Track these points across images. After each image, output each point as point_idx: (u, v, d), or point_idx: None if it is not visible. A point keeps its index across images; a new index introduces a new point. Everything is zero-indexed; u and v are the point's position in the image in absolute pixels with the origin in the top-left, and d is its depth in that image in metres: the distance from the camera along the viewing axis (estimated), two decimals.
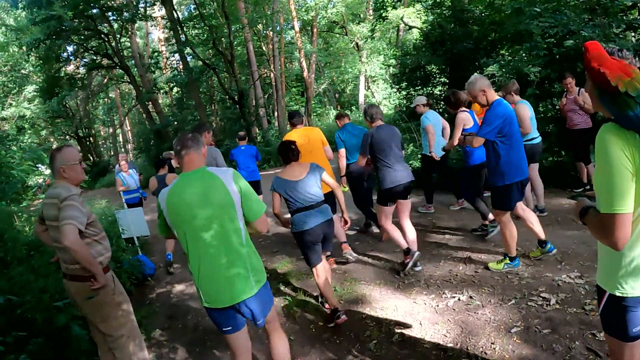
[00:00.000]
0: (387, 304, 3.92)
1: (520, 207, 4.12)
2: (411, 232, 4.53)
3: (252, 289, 2.42)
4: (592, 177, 6.09)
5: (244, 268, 2.41)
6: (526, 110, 5.28)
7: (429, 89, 11.79)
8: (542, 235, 4.18)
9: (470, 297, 3.76)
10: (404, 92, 13.20)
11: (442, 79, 11.83)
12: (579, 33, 6.95)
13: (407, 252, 4.45)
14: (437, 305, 3.73)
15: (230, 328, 2.50)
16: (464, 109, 5.10)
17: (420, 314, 3.64)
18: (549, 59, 7.49)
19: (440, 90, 11.87)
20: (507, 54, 9.57)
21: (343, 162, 5.59)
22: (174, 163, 5.92)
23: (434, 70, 11.88)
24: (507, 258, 4.14)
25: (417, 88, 12.38)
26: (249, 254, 2.46)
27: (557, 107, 7.01)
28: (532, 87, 7.31)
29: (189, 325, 4.30)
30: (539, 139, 5.54)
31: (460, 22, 10.91)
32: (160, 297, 5.25)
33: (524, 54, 8.12)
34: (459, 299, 3.76)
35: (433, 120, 6.02)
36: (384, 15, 13.83)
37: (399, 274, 4.49)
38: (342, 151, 5.58)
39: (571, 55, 7.23)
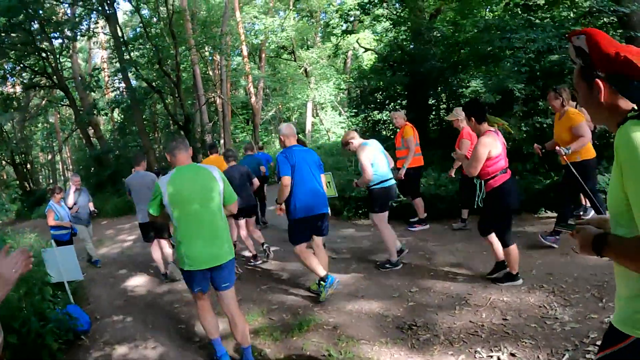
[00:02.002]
0: None
1: (315, 242, 4.55)
2: (257, 237, 6.16)
3: (227, 255, 3.17)
4: (586, 200, 5.62)
5: (223, 238, 3.18)
6: (366, 155, 4.75)
7: (387, 112, 11.28)
8: (322, 274, 4.34)
9: (512, 355, 2.92)
10: (359, 117, 12.71)
11: (403, 102, 11.37)
12: (563, 48, 6.61)
13: (263, 252, 6.10)
14: None
15: (200, 288, 3.20)
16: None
17: None
18: (529, 76, 7.10)
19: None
20: (478, 72, 9.18)
21: None
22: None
23: (392, 93, 11.47)
24: (320, 280, 4.38)
25: (373, 112, 11.95)
26: (226, 228, 3.24)
27: (544, 125, 6.55)
28: (517, 104, 6.85)
29: None
30: (392, 182, 4.95)
31: (423, 42, 10.53)
32: None
33: (501, 71, 7.70)
34: (498, 359, 2.93)
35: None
36: (349, 29, 13.35)
37: (408, 328, 3.57)
38: None
39: (555, 71, 6.87)
